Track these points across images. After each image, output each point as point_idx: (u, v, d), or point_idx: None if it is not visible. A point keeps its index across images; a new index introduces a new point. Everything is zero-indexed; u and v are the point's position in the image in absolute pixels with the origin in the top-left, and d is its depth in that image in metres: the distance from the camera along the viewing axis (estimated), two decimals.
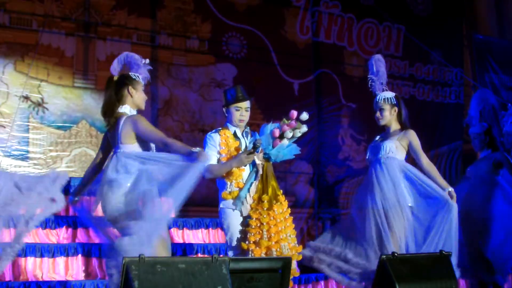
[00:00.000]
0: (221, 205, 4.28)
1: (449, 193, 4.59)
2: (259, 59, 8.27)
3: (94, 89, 7.16)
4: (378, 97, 4.86)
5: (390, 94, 4.85)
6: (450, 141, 9.39)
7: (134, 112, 3.96)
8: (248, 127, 4.47)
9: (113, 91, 3.90)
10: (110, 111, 3.89)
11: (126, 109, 3.91)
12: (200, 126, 7.70)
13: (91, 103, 7.10)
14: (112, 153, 3.89)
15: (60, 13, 7.11)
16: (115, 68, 4.07)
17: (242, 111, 4.34)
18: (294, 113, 4.23)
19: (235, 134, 4.37)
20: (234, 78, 8.01)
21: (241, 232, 4.19)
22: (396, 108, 4.83)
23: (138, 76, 3.99)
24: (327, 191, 8.50)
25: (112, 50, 7.17)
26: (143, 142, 3.86)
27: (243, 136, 4.39)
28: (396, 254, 3.74)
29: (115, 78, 3.96)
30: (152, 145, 3.91)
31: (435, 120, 9.40)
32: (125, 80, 3.94)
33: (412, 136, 4.77)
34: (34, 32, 6.92)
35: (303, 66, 8.62)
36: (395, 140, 4.77)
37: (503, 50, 9.41)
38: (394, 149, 4.73)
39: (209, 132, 4.44)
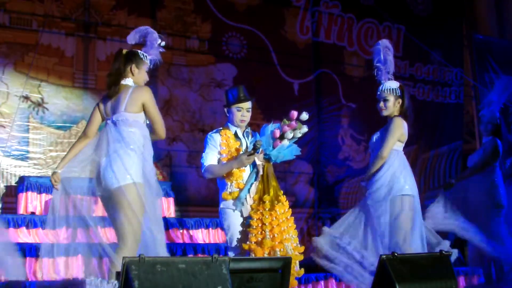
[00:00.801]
0: (221, 206, 4.28)
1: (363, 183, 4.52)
2: (259, 59, 8.27)
3: (94, 89, 7.16)
4: (383, 87, 4.70)
5: (395, 85, 4.71)
6: (450, 141, 9.36)
7: None
8: (249, 128, 4.46)
9: (122, 64, 3.96)
10: (115, 81, 3.94)
11: (130, 82, 3.96)
12: (200, 126, 7.69)
13: (91, 103, 7.07)
14: (108, 121, 3.90)
15: (60, 13, 7.11)
16: (132, 38, 4.11)
17: (243, 111, 4.34)
18: (294, 114, 4.22)
19: (236, 134, 4.36)
20: (234, 78, 8.01)
21: (241, 232, 4.20)
22: (400, 100, 4.68)
23: (146, 56, 4.03)
24: (327, 191, 8.50)
25: (112, 50, 7.16)
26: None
27: (244, 136, 4.39)
28: (396, 254, 3.73)
29: (124, 51, 4.01)
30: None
31: (435, 120, 9.38)
32: (132, 57, 3.99)
33: (392, 122, 4.60)
34: (34, 32, 6.92)
35: (303, 66, 8.62)
36: (382, 130, 4.72)
37: (503, 50, 9.40)
38: (379, 140, 4.67)
39: (210, 132, 4.44)
